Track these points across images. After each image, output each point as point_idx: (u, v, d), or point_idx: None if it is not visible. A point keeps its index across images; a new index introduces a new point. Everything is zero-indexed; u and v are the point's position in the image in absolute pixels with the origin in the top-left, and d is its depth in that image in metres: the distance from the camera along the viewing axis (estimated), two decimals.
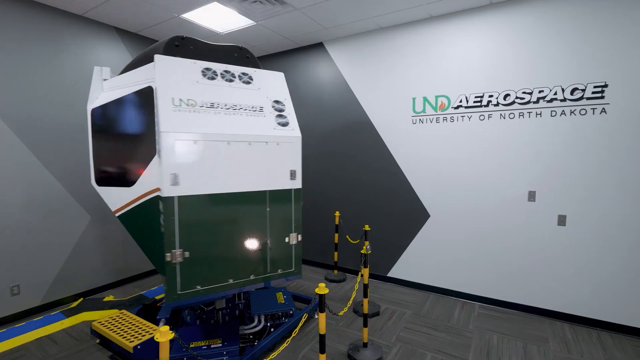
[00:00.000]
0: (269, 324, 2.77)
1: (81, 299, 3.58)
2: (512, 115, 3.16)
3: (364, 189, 4.11)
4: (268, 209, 2.36)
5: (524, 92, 3.09)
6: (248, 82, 2.45)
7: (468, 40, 3.33)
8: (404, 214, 3.83)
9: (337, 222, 4.08)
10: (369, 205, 4.09)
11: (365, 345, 2.58)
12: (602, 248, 2.88)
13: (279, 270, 2.42)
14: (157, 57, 2.20)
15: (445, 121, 3.50)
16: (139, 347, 2.27)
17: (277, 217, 2.41)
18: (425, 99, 3.60)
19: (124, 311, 2.79)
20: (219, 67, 2.42)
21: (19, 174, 3.10)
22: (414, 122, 3.68)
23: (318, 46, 4.35)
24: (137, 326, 2.53)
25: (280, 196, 2.40)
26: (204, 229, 2.14)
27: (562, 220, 3.01)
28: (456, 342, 2.75)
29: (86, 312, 3.27)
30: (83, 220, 3.58)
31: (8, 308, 3.07)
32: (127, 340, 2.32)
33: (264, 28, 3.83)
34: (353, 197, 4.20)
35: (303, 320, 2.07)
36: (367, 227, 3.37)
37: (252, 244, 2.31)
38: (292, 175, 2.41)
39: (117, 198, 2.41)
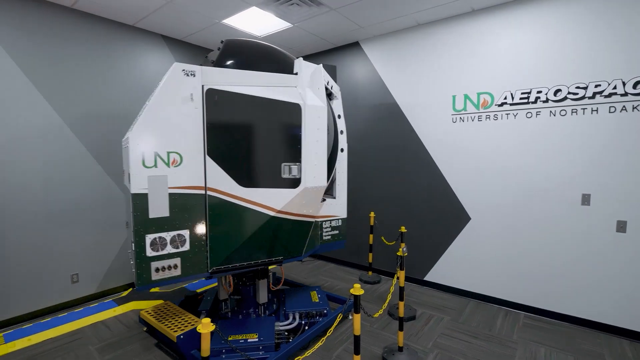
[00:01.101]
0: (303, 322, 2.80)
1: (130, 289, 3.85)
2: (563, 112, 2.94)
3: (400, 189, 4.02)
4: None
5: (577, 87, 2.86)
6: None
7: (513, 34, 3.15)
8: (443, 216, 3.70)
9: (372, 222, 4.03)
10: (405, 207, 4.00)
11: (400, 349, 2.52)
12: None
13: None
14: None
15: (488, 119, 3.33)
16: (182, 337, 2.39)
17: None
18: (466, 97, 3.45)
19: (168, 302, 2.96)
20: None
21: (78, 171, 3.40)
22: (454, 120, 3.55)
23: (354, 45, 4.33)
24: (180, 317, 2.67)
25: None
26: None
27: (621, 227, 2.74)
28: (498, 352, 2.60)
29: (135, 301, 3.52)
30: None
31: (68, 294, 3.38)
32: (171, 329, 2.46)
33: (300, 30, 3.88)
34: (389, 198, 4.13)
35: (338, 320, 2.07)
36: (403, 229, 3.30)
37: None
38: None
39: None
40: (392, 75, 4.01)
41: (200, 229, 2.29)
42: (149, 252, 2.11)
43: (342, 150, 3.08)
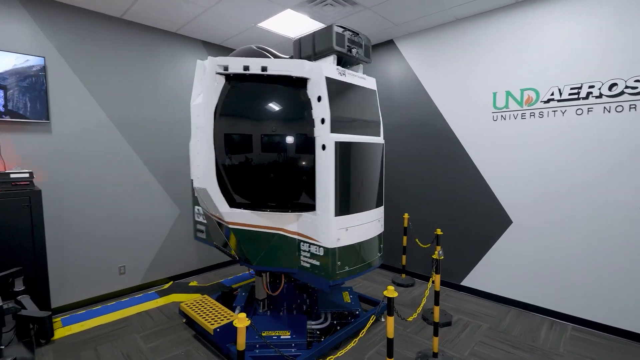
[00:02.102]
0: (335, 322, 2.80)
1: (171, 282, 4.07)
2: (619, 108, 2.70)
3: (436, 190, 3.90)
4: None
5: (636, 80, 2.61)
6: None
7: (561, 25, 2.94)
8: (482, 219, 3.54)
9: (405, 224, 3.94)
10: (441, 208, 3.87)
11: (435, 355, 2.45)
12: None
13: None
14: None
15: (532, 117, 3.14)
16: (218, 330, 2.48)
17: None
18: (508, 93, 3.27)
19: (205, 296, 3.09)
20: None
21: (126, 171, 3.65)
22: (495, 118, 3.38)
23: (388, 44, 4.26)
24: (217, 311, 2.77)
25: None
26: None
27: None
28: None
29: (175, 294, 3.71)
30: (174, 213, 4.06)
31: (116, 284, 3.63)
32: (208, 322, 2.56)
33: None
34: (423, 199, 4.02)
35: (371, 321, 2.05)
36: (439, 231, 3.20)
37: None
38: None
39: None
40: (428, 73, 3.90)
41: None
42: (196, 217, 3.09)
43: (323, 147, 2.20)
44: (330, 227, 2.18)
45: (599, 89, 2.78)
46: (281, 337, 2.46)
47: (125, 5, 3.23)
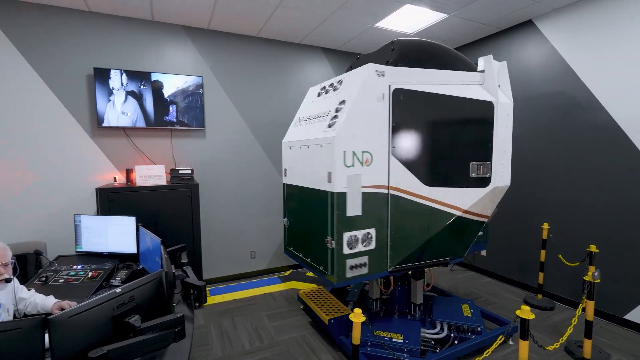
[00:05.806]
0: (452, 335, 2.58)
1: (291, 270, 4.48)
2: None
3: (589, 197, 3.16)
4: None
5: None
6: (335, 89, 2.51)
7: None
8: None
9: (544, 236, 3.33)
10: (596, 219, 3.12)
11: None
12: None
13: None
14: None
15: None
16: (332, 321, 2.60)
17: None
18: None
19: (321, 287, 3.28)
20: (329, 81, 2.68)
21: (258, 169, 4.19)
22: None
23: (525, 25, 3.68)
24: (331, 303, 2.91)
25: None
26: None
27: None
28: None
29: (294, 281, 4.07)
30: None
31: (249, 267, 4.22)
32: (324, 312, 2.72)
33: (457, 19, 3.58)
34: (571, 206, 3.32)
35: (498, 342, 1.81)
36: (593, 248, 2.59)
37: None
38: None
39: None
40: (580, 54, 3.19)
41: (383, 228, 2.32)
42: (345, 250, 2.19)
43: None
44: None
45: None
46: (393, 339, 2.42)
47: (259, 25, 3.71)
